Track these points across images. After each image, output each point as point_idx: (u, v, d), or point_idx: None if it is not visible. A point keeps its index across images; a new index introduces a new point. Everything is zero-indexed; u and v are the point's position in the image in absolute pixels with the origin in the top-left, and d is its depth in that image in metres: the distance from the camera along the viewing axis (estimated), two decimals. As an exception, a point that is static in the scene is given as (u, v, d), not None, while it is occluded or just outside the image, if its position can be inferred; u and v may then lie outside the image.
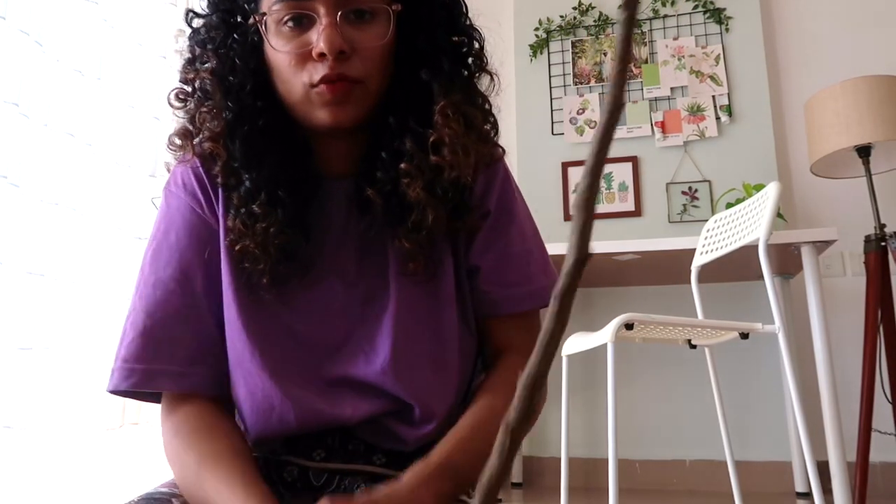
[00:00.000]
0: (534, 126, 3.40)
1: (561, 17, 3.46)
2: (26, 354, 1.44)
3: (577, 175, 3.29)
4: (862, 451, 2.26)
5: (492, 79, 0.84)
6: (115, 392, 0.78)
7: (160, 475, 0.84)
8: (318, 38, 0.72)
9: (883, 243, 2.36)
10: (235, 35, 0.77)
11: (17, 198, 1.45)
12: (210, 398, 0.77)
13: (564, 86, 3.41)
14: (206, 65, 0.77)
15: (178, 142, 0.81)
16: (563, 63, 3.43)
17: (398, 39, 0.77)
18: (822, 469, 2.08)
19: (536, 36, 3.48)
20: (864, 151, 2.48)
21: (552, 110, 3.40)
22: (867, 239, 2.39)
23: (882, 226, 2.39)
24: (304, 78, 0.73)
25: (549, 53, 3.46)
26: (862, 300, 2.38)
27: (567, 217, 3.26)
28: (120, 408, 1.71)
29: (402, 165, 0.75)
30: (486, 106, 0.84)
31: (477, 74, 0.83)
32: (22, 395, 1.42)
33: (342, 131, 0.77)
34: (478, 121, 0.80)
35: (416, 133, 0.76)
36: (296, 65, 0.73)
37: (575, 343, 2.11)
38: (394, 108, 0.78)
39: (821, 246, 2.28)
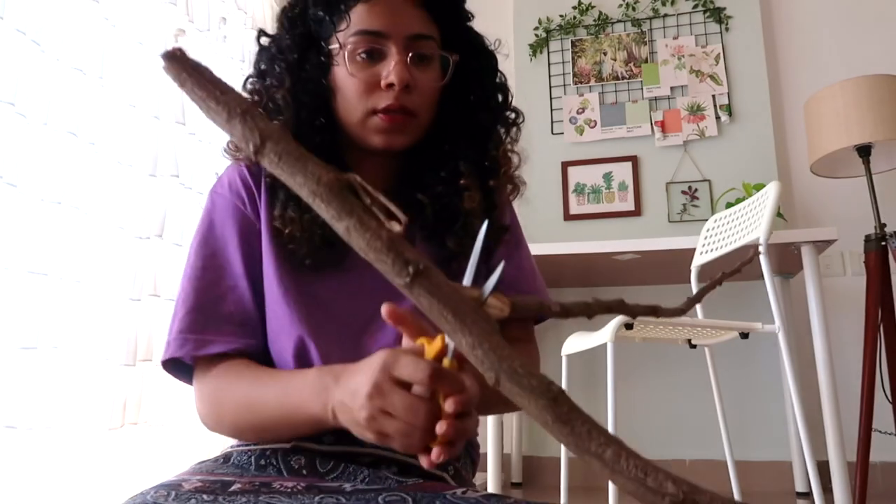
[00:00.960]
0: (533, 125, 3.39)
1: (561, 16, 3.46)
2: (29, 354, 1.44)
3: (576, 174, 3.29)
4: (862, 451, 2.26)
5: (518, 129, 0.98)
6: (167, 362, 0.87)
7: (161, 474, 0.84)
8: (388, 71, 0.85)
9: (883, 243, 2.36)
10: (311, 57, 0.89)
11: (16, 197, 1.45)
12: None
13: (564, 85, 3.40)
14: (282, 82, 0.88)
15: (231, 148, 0.93)
16: (563, 62, 3.43)
17: (449, 82, 0.91)
18: (823, 469, 2.08)
19: (536, 35, 3.48)
20: (864, 151, 2.48)
21: (552, 109, 3.40)
22: (867, 238, 2.39)
23: (882, 225, 2.39)
24: (368, 104, 0.86)
25: (548, 53, 3.46)
26: (862, 300, 2.38)
27: (566, 217, 3.26)
28: (121, 407, 1.71)
29: (462, 181, 0.90)
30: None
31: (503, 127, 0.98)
32: (24, 395, 1.43)
33: (386, 153, 0.90)
34: (520, 159, 0.97)
35: (473, 158, 0.91)
36: (363, 91, 0.86)
37: (575, 342, 2.11)
38: (445, 138, 0.92)
39: (821, 245, 2.28)
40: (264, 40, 0.93)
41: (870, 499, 2.29)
